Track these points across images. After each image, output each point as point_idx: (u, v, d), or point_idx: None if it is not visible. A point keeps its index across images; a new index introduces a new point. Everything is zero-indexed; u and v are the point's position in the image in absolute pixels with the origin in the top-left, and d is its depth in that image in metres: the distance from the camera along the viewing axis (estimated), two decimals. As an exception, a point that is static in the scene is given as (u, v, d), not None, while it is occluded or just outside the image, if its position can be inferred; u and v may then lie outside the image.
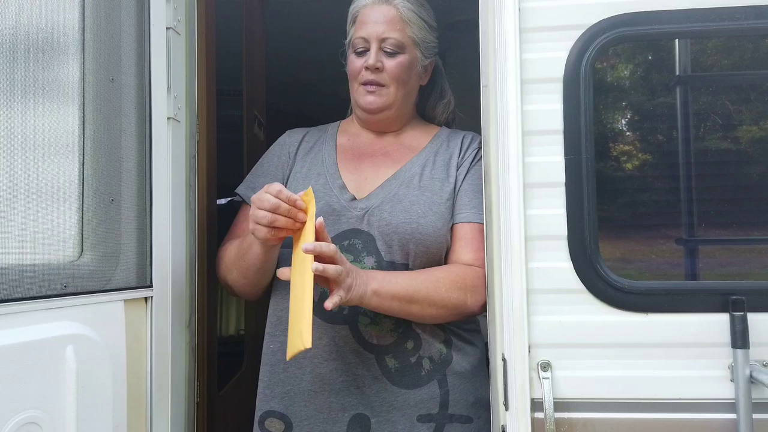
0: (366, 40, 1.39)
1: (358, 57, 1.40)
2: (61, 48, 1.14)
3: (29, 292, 1.01)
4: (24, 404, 0.95)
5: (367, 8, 1.42)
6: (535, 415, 1.21)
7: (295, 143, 1.49)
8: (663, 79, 1.38)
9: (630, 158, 1.37)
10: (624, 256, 1.31)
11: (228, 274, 1.37)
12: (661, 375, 1.21)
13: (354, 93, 1.44)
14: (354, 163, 1.43)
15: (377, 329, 1.31)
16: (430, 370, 1.33)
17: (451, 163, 1.43)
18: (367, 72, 1.39)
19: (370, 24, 1.39)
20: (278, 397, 1.31)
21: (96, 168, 1.16)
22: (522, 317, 1.23)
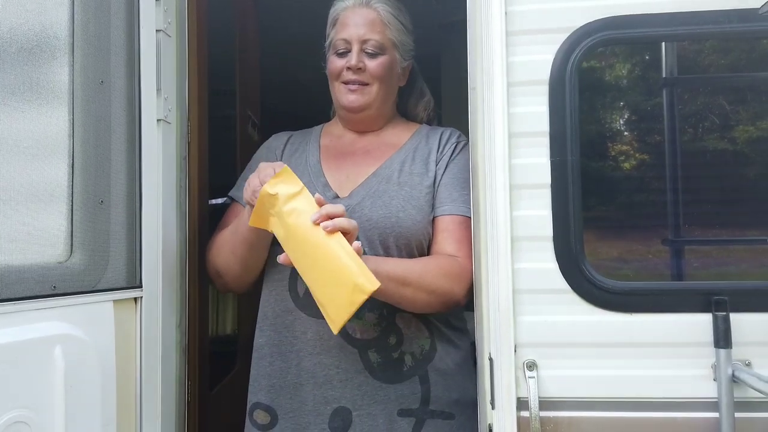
0: (348, 42, 1.43)
1: (339, 57, 1.44)
2: (50, 50, 1.15)
3: (19, 292, 1.02)
4: (12, 403, 0.96)
5: (347, 11, 1.46)
6: (521, 414, 1.22)
7: (281, 145, 1.54)
8: (649, 82, 1.40)
9: (615, 160, 1.39)
10: (609, 257, 1.32)
11: (217, 258, 1.38)
12: (645, 374, 1.23)
13: (336, 92, 1.47)
14: (336, 163, 1.47)
15: (361, 324, 1.34)
16: (412, 365, 1.36)
17: (430, 158, 1.46)
18: (348, 72, 1.43)
19: (351, 26, 1.43)
20: (264, 390, 1.36)
21: (85, 170, 1.17)
22: (508, 317, 1.24)
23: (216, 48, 1.86)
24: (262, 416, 1.37)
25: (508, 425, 1.22)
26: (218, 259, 1.39)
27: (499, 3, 1.28)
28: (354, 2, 1.47)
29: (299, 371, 1.33)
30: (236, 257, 1.35)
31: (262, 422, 1.38)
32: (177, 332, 1.42)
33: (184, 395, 1.46)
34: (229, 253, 1.36)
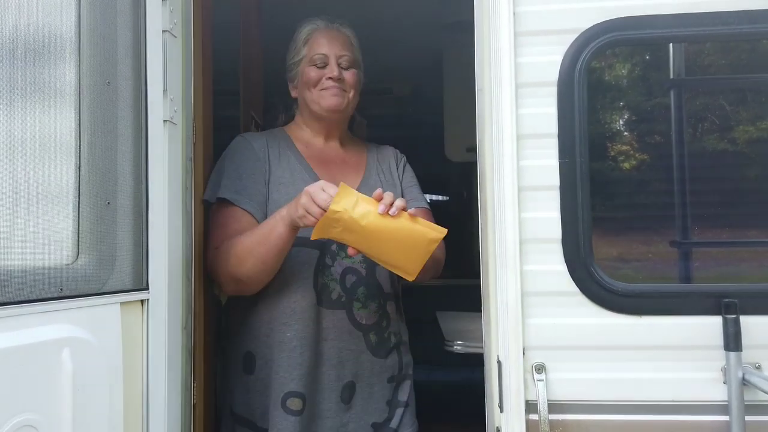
0: (325, 56, 1.64)
1: (318, 69, 1.64)
2: (57, 51, 1.14)
3: (26, 295, 1.01)
4: (20, 407, 0.95)
5: (319, 31, 1.67)
6: (529, 417, 1.22)
7: (263, 148, 1.64)
8: (657, 83, 1.39)
9: (624, 161, 1.38)
10: (618, 259, 1.32)
11: (240, 267, 1.46)
12: (654, 377, 1.23)
13: (315, 98, 1.64)
14: (323, 169, 1.65)
15: (366, 312, 1.58)
16: (395, 342, 1.65)
17: (392, 170, 1.77)
18: (329, 81, 1.62)
19: (326, 44, 1.65)
20: (297, 379, 1.51)
21: (92, 171, 1.17)
22: (517, 320, 1.24)
23: (220, 49, 1.85)
24: (296, 403, 1.51)
25: (516, 428, 1.22)
26: (241, 269, 1.47)
27: (507, 3, 1.28)
28: (324, 24, 1.68)
29: (319, 356, 1.53)
30: (266, 265, 1.46)
31: (296, 409, 1.51)
32: (183, 334, 1.41)
33: (190, 397, 1.45)
34: (258, 262, 1.45)
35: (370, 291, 1.59)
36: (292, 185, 1.57)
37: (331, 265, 1.56)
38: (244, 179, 1.57)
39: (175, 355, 1.36)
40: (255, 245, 1.44)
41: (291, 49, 1.71)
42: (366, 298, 1.57)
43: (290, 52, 1.71)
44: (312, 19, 1.71)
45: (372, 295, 1.59)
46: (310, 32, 1.67)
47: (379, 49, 3.43)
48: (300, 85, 1.68)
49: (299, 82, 1.68)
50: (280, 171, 1.60)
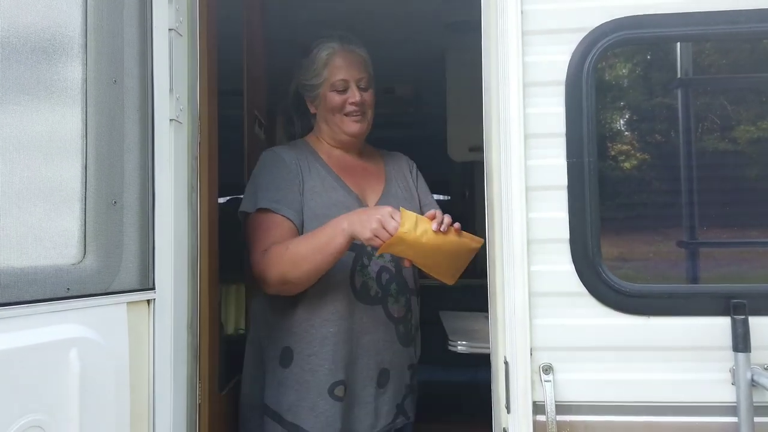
0: (346, 81, 1.76)
1: (339, 94, 1.76)
2: (63, 49, 1.14)
3: (33, 295, 1.00)
4: (28, 407, 0.95)
5: (338, 55, 1.76)
6: (537, 418, 1.21)
7: (295, 161, 1.75)
8: (665, 82, 1.39)
9: (632, 161, 1.38)
10: (626, 259, 1.31)
11: (294, 271, 1.59)
12: (662, 378, 1.22)
13: (338, 123, 1.78)
14: (349, 177, 1.78)
15: (398, 306, 1.75)
16: (413, 333, 1.83)
17: (407, 178, 1.93)
18: (351, 105, 1.75)
19: (345, 68, 1.76)
20: (342, 369, 1.66)
21: (98, 170, 1.16)
22: (524, 320, 1.23)
23: (224, 47, 1.85)
24: (341, 391, 1.66)
25: (523, 429, 1.21)
26: (294, 272, 1.59)
27: (515, 2, 1.27)
28: (339, 47, 1.77)
29: (359, 348, 1.69)
30: (319, 271, 1.60)
31: (340, 396, 1.66)
32: (188, 334, 1.40)
33: (195, 397, 1.45)
34: (312, 268, 1.59)
35: (400, 287, 1.75)
36: (324, 193, 1.72)
37: (368, 264, 1.71)
38: (281, 190, 1.69)
39: (180, 354, 1.35)
40: (311, 253, 1.57)
41: (309, 69, 1.79)
42: (397, 294, 1.75)
43: (308, 72, 1.79)
44: (328, 40, 1.78)
45: (401, 291, 1.76)
46: (329, 56, 1.76)
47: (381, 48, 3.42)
48: (322, 108, 1.80)
49: (320, 105, 1.80)
50: (312, 181, 1.73)
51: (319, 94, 1.78)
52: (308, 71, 1.79)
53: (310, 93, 1.81)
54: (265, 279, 1.63)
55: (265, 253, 1.62)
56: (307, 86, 1.81)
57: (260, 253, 1.64)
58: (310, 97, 1.82)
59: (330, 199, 1.69)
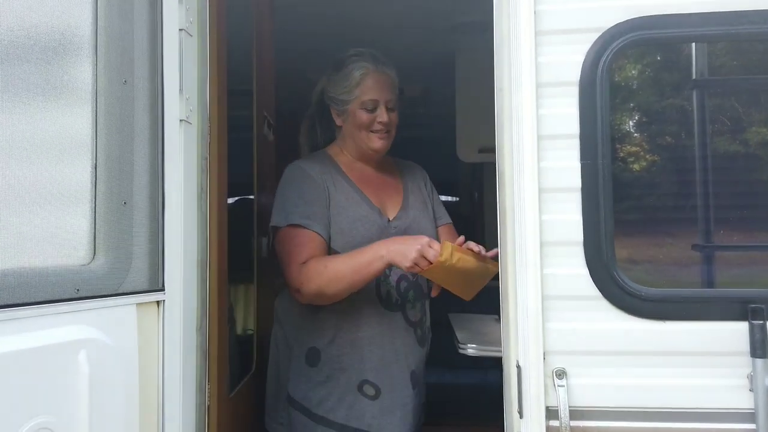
0: (376, 101, 1.84)
1: (369, 113, 1.84)
2: (73, 50, 1.13)
3: (42, 296, 1.00)
4: (37, 409, 0.94)
5: (370, 75, 1.84)
6: (550, 423, 1.20)
7: (320, 175, 1.84)
8: (681, 83, 1.37)
9: (647, 163, 1.36)
10: (641, 263, 1.29)
11: (330, 287, 1.69)
12: (678, 384, 1.20)
13: (364, 139, 1.86)
14: (371, 192, 1.88)
15: (415, 311, 1.87)
16: (427, 334, 1.95)
17: (422, 189, 2.02)
18: (379, 124, 1.85)
19: (377, 89, 1.84)
20: (369, 370, 1.77)
21: (108, 171, 1.16)
22: (537, 324, 1.21)
23: (233, 48, 1.84)
24: (370, 390, 1.77)
25: (536, 434, 1.20)
26: (331, 289, 1.70)
27: (528, 2, 1.26)
28: (373, 68, 1.85)
29: (390, 352, 1.80)
30: (353, 289, 1.71)
31: (370, 394, 1.76)
32: (198, 335, 1.40)
33: (204, 399, 1.44)
34: (348, 286, 1.70)
35: (417, 293, 1.87)
36: (350, 208, 1.82)
37: (389, 274, 1.81)
38: (310, 205, 1.78)
39: (189, 356, 1.34)
40: (350, 273, 1.68)
41: (340, 84, 1.86)
42: (414, 300, 1.86)
43: (339, 87, 1.86)
44: (361, 59, 1.86)
45: (418, 297, 1.87)
46: (362, 76, 1.84)
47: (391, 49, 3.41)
48: (349, 123, 1.88)
49: (348, 120, 1.88)
50: (338, 196, 1.82)
51: (348, 110, 1.86)
52: (339, 86, 1.87)
53: (338, 107, 1.89)
54: (302, 291, 1.72)
55: (303, 266, 1.72)
56: (337, 100, 1.88)
57: (297, 266, 1.73)
58: (338, 110, 1.89)
59: (355, 214, 1.80)
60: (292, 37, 2.96)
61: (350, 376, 1.76)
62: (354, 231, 1.77)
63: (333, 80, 1.88)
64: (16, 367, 0.93)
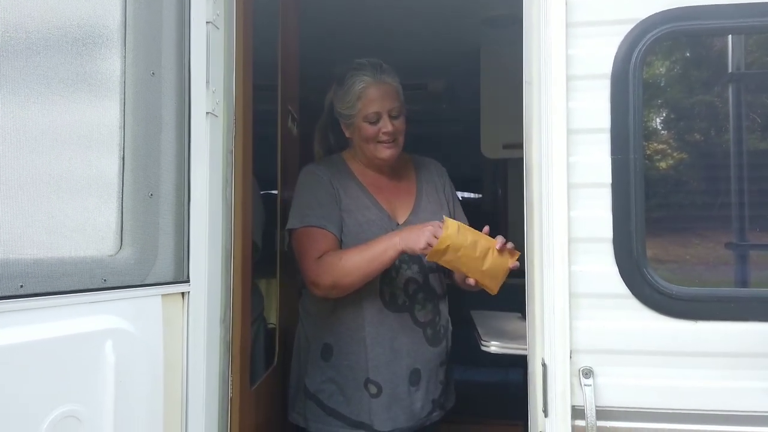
0: (378, 113, 1.86)
1: (372, 125, 1.86)
2: (102, 42, 1.14)
3: (70, 285, 1.01)
4: (64, 398, 0.95)
5: (370, 88, 1.86)
6: (575, 423, 1.17)
7: (331, 179, 1.90)
8: (717, 76, 1.33)
9: (680, 158, 1.32)
10: (673, 261, 1.26)
11: (346, 278, 1.76)
12: (710, 386, 1.17)
13: (372, 150, 1.89)
14: (381, 196, 1.93)
15: (424, 312, 1.90)
16: (443, 333, 1.96)
17: (438, 190, 2.03)
18: (384, 135, 1.87)
19: (378, 100, 1.86)
20: (373, 369, 1.83)
21: (136, 162, 1.16)
22: (564, 322, 1.19)
23: (259, 42, 1.84)
24: (373, 388, 1.82)
25: (561, 434, 1.18)
26: (346, 280, 1.76)
27: (559, -7, 1.23)
28: (372, 79, 1.86)
29: (392, 351, 1.84)
30: (366, 279, 1.77)
31: (373, 392, 1.82)
32: (221, 328, 1.40)
33: (227, 391, 1.44)
34: (363, 276, 1.76)
35: (427, 295, 1.91)
36: (358, 212, 1.87)
37: (396, 277, 1.86)
38: (323, 207, 1.85)
39: (213, 348, 1.35)
40: (364, 263, 1.74)
41: (343, 100, 1.90)
42: (424, 301, 1.90)
43: (342, 102, 1.90)
44: (360, 72, 1.88)
45: (428, 298, 1.91)
46: (362, 90, 1.86)
47: (414, 43, 3.40)
48: (356, 135, 1.92)
49: (355, 133, 1.92)
50: (348, 200, 1.88)
51: (354, 123, 1.90)
52: (343, 101, 1.90)
53: (345, 120, 1.93)
54: (318, 283, 1.79)
55: (318, 260, 1.79)
56: (343, 115, 1.92)
57: (313, 260, 1.80)
58: (345, 123, 1.94)
59: (363, 218, 1.86)
60: (318, 31, 2.96)
61: (356, 373, 1.83)
62: (362, 234, 1.83)
63: (338, 95, 1.92)
64: (44, 355, 0.94)
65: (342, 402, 1.84)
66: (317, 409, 1.86)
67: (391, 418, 1.83)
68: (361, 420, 1.82)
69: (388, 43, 3.14)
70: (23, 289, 0.93)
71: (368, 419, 1.82)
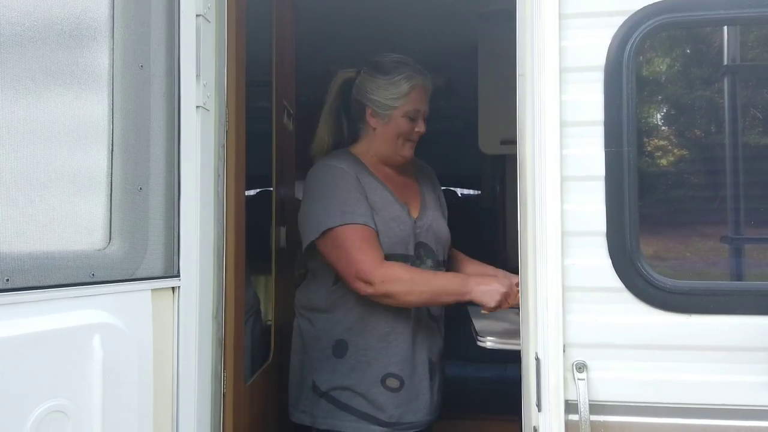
0: (418, 112, 1.92)
1: (410, 122, 1.91)
2: (90, 34, 1.13)
3: (57, 279, 1.00)
4: (50, 393, 0.94)
5: (418, 87, 1.90)
6: (569, 417, 1.17)
7: (355, 174, 1.88)
8: (712, 69, 1.31)
9: (673, 152, 1.31)
10: (666, 254, 1.25)
11: (407, 296, 1.79)
12: (703, 379, 1.16)
13: (398, 146, 1.92)
14: (397, 192, 1.94)
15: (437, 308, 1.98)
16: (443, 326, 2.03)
17: (435, 189, 2.12)
18: (416, 134, 1.93)
19: (422, 100, 1.92)
20: (394, 363, 1.84)
21: (124, 155, 1.15)
22: (557, 315, 1.18)
23: (252, 36, 1.83)
24: (394, 382, 1.84)
25: (555, 428, 1.17)
26: (405, 298, 1.79)
27: (552, -16, 1.22)
28: (421, 80, 1.91)
29: (415, 345, 1.88)
30: (424, 305, 1.88)
31: (393, 387, 1.83)
32: (213, 323, 1.39)
33: (220, 387, 1.44)
34: (422, 303, 1.85)
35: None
36: (384, 209, 1.87)
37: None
38: (360, 204, 1.83)
39: (205, 344, 1.34)
40: (430, 294, 1.80)
41: (386, 90, 1.88)
42: None
43: (384, 92, 1.88)
44: (409, 68, 1.89)
45: None
46: (411, 88, 1.89)
47: (411, 39, 3.38)
48: (387, 128, 1.91)
49: (386, 125, 1.91)
50: (373, 196, 1.88)
51: (390, 116, 1.90)
52: (386, 91, 1.89)
53: (380, 110, 1.90)
54: (373, 283, 1.76)
55: (383, 265, 1.78)
56: (380, 104, 1.90)
57: (375, 261, 1.77)
58: (377, 113, 1.91)
59: (390, 214, 1.86)
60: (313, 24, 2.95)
61: (374, 369, 1.82)
62: (390, 231, 1.83)
63: (378, 84, 1.89)
64: (30, 349, 0.93)
65: (357, 398, 1.82)
66: (328, 405, 1.83)
67: (412, 411, 1.85)
68: (374, 415, 1.81)
69: (384, 38, 3.12)
70: (9, 283, 0.92)
71: (385, 414, 1.81)
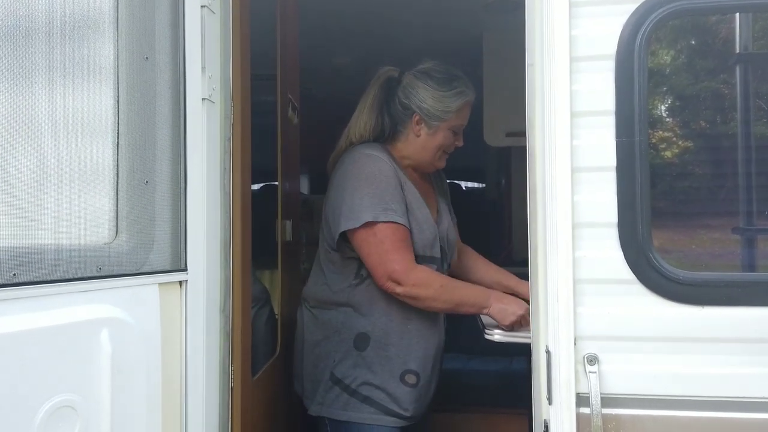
0: (462, 126, 1.95)
1: (453, 135, 1.93)
2: (95, 26, 1.12)
3: (64, 274, 0.99)
4: (59, 387, 0.94)
5: (468, 105, 1.93)
6: (580, 411, 1.16)
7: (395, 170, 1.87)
8: (725, 57, 1.29)
9: (686, 141, 1.29)
10: (678, 245, 1.24)
11: (432, 302, 1.83)
12: (717, 372, 1.15)
13: (435, 157, 1.95)
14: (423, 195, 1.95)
15: None
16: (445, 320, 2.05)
17: (446, 196, 2.13)
18: (454, 147, 1.96)
19: (467, 116, 1.95)
20: (415, 360, 1.87)
21: (130, 149, 1.14)
22: (568, 308, 1.17)
23: (257, 28, 1.81)
24: (412, 378, 1.86)
25: (566, 422, 1.16)
26: (431, 303, 1.83)
27: (562, -28, 1.20)
28: (472, 96, 1.94)
29: (428, 339, 1.91)
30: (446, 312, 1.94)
31: (411, 382, 1.86)
32: (221, 317, 1.39)
33: (228, 381, 1.43)
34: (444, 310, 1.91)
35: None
36: (416, 210, 1.87)
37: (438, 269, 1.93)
38: (401, 203, 1.83)
39: (213, 337, 1.33)
40: (454, 303, 1.85)
41: (440, 101, 1.88)
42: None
43: (437, 102, 1.88)
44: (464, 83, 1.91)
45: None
46: (464, 104, 1.91)
47: (416, 29, 3.36)
48: (430, 138, 1.91)
49: (433, 136, 1.91)
50: (408, 196, 1.87)
51: (437, 126, 1.90)
52: (440, 103, 1.88)
53: (429, 120, 1.90)
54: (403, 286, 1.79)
55: (415, 268, 1.80)
56: (431, 114, 1.89)
57: (407, 262, 1.79)
58: (425, 122, 1.90)
59: (421, 216, 1.86)
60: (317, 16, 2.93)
61: (394, 365, 1.85)
62: (420, 234, 1.84)
63: (431, 93, 1.88)
64: (38, 344, 0.93)
65: (376, 391, 1.84)
66: (346, 396, 1.84)
67: (423, 405, 1.91)
68: (393, 408, 1.84)
69: (389, 30, 3.10)
70: (16, 277, 0.91)
71: (402, 407, 1.84)
